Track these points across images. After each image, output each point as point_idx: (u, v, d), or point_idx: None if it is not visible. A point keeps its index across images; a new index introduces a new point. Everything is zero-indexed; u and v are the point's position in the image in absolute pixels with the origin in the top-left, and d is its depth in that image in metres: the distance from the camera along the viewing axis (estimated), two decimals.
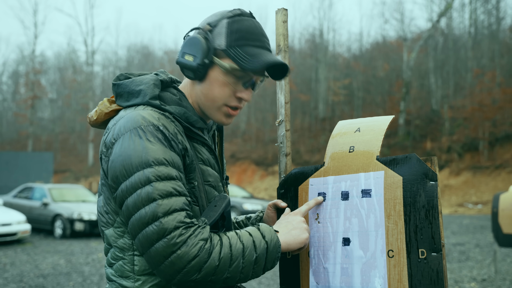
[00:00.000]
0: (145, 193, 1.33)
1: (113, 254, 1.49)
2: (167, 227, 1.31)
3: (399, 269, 1.49)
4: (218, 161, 1.60)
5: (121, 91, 1.53)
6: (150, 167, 1.34)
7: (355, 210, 1.59)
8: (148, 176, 1.34)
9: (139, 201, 1.33)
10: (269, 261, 1.43)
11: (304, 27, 57.53)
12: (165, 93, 1.55)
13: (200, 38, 1.48)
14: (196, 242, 1.32)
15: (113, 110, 1.55)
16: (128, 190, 1.35)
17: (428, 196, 1.47)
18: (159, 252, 1.31)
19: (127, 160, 1.36)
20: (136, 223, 1.34)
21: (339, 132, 1.74)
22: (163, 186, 1.34)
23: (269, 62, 1.46)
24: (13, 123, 58.99)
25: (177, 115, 1.49)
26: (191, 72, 1.50)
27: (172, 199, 1.34)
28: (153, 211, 1.32)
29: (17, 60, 62.34)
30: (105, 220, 1.49)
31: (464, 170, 30.60)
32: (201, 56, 1.47)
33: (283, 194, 1.78)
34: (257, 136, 44.29)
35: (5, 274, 9.10)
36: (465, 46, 39.23)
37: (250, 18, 1.53)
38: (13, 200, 17.23)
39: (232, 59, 1.48)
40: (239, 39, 1.48)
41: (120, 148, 1.38)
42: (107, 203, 1.48)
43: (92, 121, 1.58)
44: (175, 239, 1.30)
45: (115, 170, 1.38)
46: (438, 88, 38.25)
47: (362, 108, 41.99)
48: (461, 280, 8.38)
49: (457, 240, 13.53)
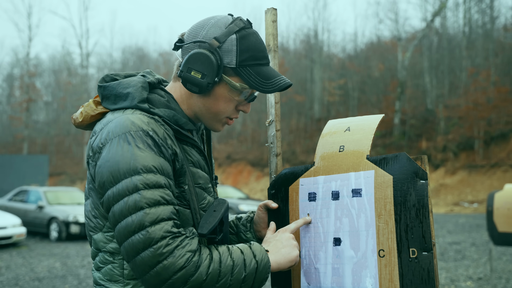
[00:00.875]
0: (132, 201, 1.31)
1: (102, 258, 1.47)
2: (154, 237, 1.29)
3: (390, 268, 1.48)
4: (207, 162, 1.59)
5: (108, 93, 1.50)
6: (138, 174, 1.32)
7: (345, 210, 1.58)
8: (136, 184, 1.32)
9: (125, 209, 1.31)
10: (257, 281, 1.43)
11: (299, 28, 57.65)
12: (152, 95, 1.53)
13: (210, 56, 1.45)
14: (183, 254, 1.31)
15: (100, 112, 1.52)
16: (115, 197, 1.34)
17: (419, 195, 1.46)
18: (144, 262, 1.29)
19: (114, 166, 1.34)
20: (122, 231, 1.32)
21: (329, 132, 1.73)
22: (151, 194, 1.32)
23: (284, 86, 1.50)
24: (8, 126, 58.76)
25: (166, 118, 1.48)
26: (197, 88, 1.48)
27: (160, 208, 1.32)
28: (140, 220, 1.30)
29: (12, 63, 62.12)
30: (93, 224, 1.47)
31: (460, 169, 30.66)
32: (211, 75, 1.45)
33: (273, 194, 1.77)
34: (252, 137, 44.28)
35: (0, 278, 9.06)
36: (460, 46, 39.30)
37: (252, 29, 1.53)
38: (8, 203, 17.15)
39: (242, 79, 1.48)
40: (249, 58, 1.48)
41: (108, 153, 1.36)
42: (95, 207, 1.46)
43: (77, 123, 1.56)
44: (162, 249, 1.29)
45: (102, 176, 1.36)
46: (433, 87, 38.32)
47: (357, 108, 42.02)
48: (457, 279, 8.39)
49: (453, 239, 13.54)
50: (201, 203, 1.52)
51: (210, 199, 1.56)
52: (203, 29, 1.50)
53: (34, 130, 56.39)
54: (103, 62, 60.04)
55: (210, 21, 1.51)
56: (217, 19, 1.51)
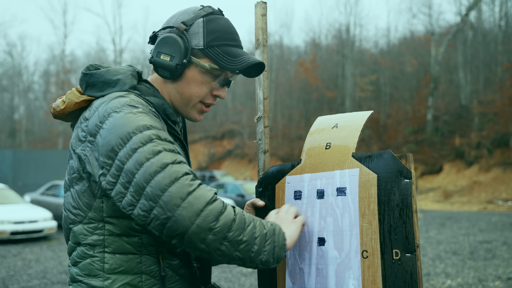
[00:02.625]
0: (149, 148, 1.26)
1: (80, 252, 1.41)
2: (179, 170, 1.24)
3: (373, 270, 1.43)
4: (188, 158, 1.57)
5: (95, 80, 1.47)
6: (148, 129, 1.29)
7: (330, 209, 1.54)
8: (148, 135, 1.28)
9: (142, 157, 1.25)
10: (278, 245, 1.36)
11: (331, 23, 57.25)
12: (140, 85, 1.51)
13: (176, 37, 1.46)
14: (209, 189, 1.27)
15: (84, 100, 1.48)
16: (128, 152, 1.27)
17: (402, 194, 1.41)
18: (173, 195, 1.21)
19: (121, 129, 1.29)
20: (141, 178, 1.24)
21: (317, 129, 1.69)
22: (166, 145, 1.29)
23: (252, 63, 1.48)
24: (44, 122, 60.03)
25: (156, 106, 1.46)
26: (167, 72, 1.48)
27: (177, 155, 1.29)
28: (160, 159, 1.25)
29: (48, 59, 63.46)
30: (73, 217, 1.43)
31: (494, 167, 29.99)
32: (179, 56, 1.45)
33: (261, 192, 1.73)
34: (283, 133, 44.19)
35: (29, 271, 9.25)
36: (495, 40, 38.41)
37: (222, 16, 1.54)
38: (40, 197, 17.50)
39: (211, 59, 1.47)
40: (217, 39, 1.48)
41: (111, 124, 1.31)
42: (78, 196, 1.41)
43: (58, 111, 1.50)
44: (189, 180, 1.24)
45: (109, 143, 1.30)
46: (467, 83, 37.58)
47: (389, 104, 41.54)
48: (485, 279, 8.21)
49: (484, 237, 13.26)
50: None
51: None
52: (173, 18, 1.53)
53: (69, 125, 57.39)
54: (136, 59, 60.74)
55: (180, 10, 1.54)
56: (187, 8, 1.54)
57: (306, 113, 45.23)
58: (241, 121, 47.48)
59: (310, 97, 44.86)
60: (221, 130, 51.11)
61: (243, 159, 44.72)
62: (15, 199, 14.92)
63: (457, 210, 23.88)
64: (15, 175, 26.25)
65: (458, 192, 28.97)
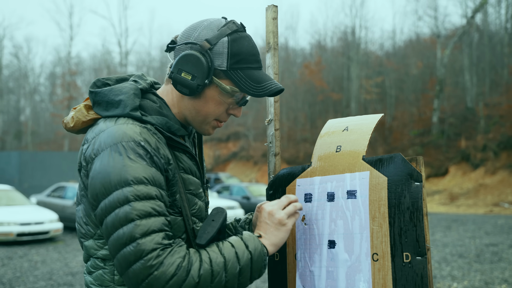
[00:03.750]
0: (123, 213, 1.30)
1: (93, 263, 1.47)
2: (144, 249, 1.28)
3: (383, 273, 1.44)
4: (199, 167, 1.58)
5: (100, 99, 1.49)
6: (129, 186, 1.31)
7: (340, 212, 1.54)
8: (126, 196, 1.31)
9: (117, 221, 1.31)
10: (255, 271, 1.41)
11: (336, 25, 57.17)
12: (145, 101, 1.51)
13: (200, 57, 1.44)
14: (173, 261, 1.30)
15: (91, 118, 1.51)
16: (107, 209, 1.33)
17: (413, 197, 1.41)
18: (136, 274, 1.29)
19: (106, 178, 1.33)
20: (114, 243, 1.32)
21: (327, 132, 1.70)
22: (142, 206, 1.31)
23: (274, 90, 1.48)
24: (50, 124, 60.18)
25: (158, 125, 1.46)
26: (187, 90, 1.46)
27: (151, 219, 1.31)
28: (130, 231, 1.29)
29: (54, 61, 63.64)
30: (84, 231, 1.47)
31: (500, 169, 29.87)
32: (201, 76, 1.44)
33: (271, 195, 1.74)
34: (288, 135, 44.17)
35: (36, 272, 9.28)
36: (501, 42, 38.31)
37: (245, 33, 1.51)
38: (46, 199, 17.57)
39: (233, 82, 1.46)
40: (240, 61, 1.46)
41: (100, 165, 1.35)
42: (86, 214, 1.46)
43: (68, 127, 1.54)
44: (152, 260, 1.28)
45: (95, 188, 1.36)
46: (473, 85, 37.47)
47: (394, 106, 41.47)
48: (491, 282, 8.18)
49: (491, 240, 13.22)
50: (192, 209, 1.51)
51: (201, 204, 1.56)
52: (195, 31, 1.49)
53: None
54: (142, 61, 60.92)
55: (203, 23, 1.50)
56: (210, 22, 1.50)
57: (311, 116, 45.22)
58: (246, 123, 47.50)
59: (315, 100, 44.86)
60: (227, 132, 51.13)
61: (248, 161, 44.71)
62: (21, 200, 14.98)
63: (463, 213, 23.80)
64: (21, 177, 26.36)
65: (464, 195, 28.87)
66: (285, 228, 1.49)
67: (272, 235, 1.48)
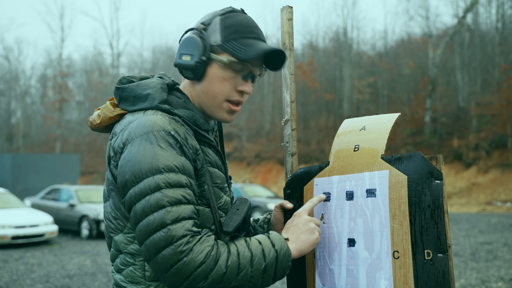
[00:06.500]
0: (154, 200, 1.32)
1: (122, 260, 1.48)
2: (175, 234, 1.30)
3: (404, 270, 1.45)
4: (223, 161, 1.60)
5: (126, 95, 1.52)
6: (160, 173, 1.33)
7: (359, 210, 1.56)
8: (158, 183, 1.32)
9: (147, 208, 1.32)
10: (279, 270, 1.42)
11: (328, 26, 57.25)
12: (171, 96, 1.54)
13: (195, 37, 1.49)
14: (202, 249, 1.31)
15: (118, 114, 1.54)
16: (137, 196, 1.34)
17: (434, 195, 1.43)
18: (165, 259, 1.30)
19: (136, 165, 1.35)
20: (143, 230, 1.33)
21: (344, 131, 1.72)
22: (173, 193, 1.33)
23: (265, 49, 1.48)
24: (42, 126, 59.92)
25: (186, 118, 1.49)
26: (190, 72, 1.51)
27: (181, 206, 1.33)
28: (161, 217, 1.30)
29: (45, 63, 63.27)
30: (113, 226, 1.48)
31: (492, 168, 30.06)
32: (198, 54, 1.48)
33: (289, 194, 1.75)
34: (281, 136, 44.13)
35: (32, 275, 9.24)
36: (492, 42, 38.53)
37: (242, 13, 1.55)
38: (40, 201, 17.51)
39: (229, 52, 1.49)
40: (234, 32, 1.49)
41: (130, 153, 1.37)
42: (116, 208, 1.47)
43: (95, 125, 1.57)
44: (182, 246, 1.29)
45: (124, 176, 1.37)
46: (465, 84, 37.66)
47: (387, 106, 41.59)
48: (488, 280, 8.23)
49: (485, 239, 13.29)
50: (219, 202, 1.53)
51: (226, 198, 1.57)
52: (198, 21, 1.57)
53: (67, 129, 57.35)
54: (134, 62, 60.73)
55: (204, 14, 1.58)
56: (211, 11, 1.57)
57: (304, 116, 45.26)
58: (239, 124, 47.48)
59: (308, 100, 44.89)
60: None
61: (241, 162, 44.67)
62: (16, 203, 14.91)
63: (456, 212, 23.92)
64: (14, 180, 26.24)
65: (456, 194, 29.02)
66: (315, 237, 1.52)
67: (301, 241, 1.49)
